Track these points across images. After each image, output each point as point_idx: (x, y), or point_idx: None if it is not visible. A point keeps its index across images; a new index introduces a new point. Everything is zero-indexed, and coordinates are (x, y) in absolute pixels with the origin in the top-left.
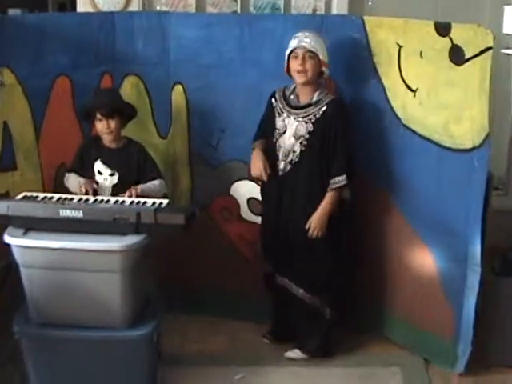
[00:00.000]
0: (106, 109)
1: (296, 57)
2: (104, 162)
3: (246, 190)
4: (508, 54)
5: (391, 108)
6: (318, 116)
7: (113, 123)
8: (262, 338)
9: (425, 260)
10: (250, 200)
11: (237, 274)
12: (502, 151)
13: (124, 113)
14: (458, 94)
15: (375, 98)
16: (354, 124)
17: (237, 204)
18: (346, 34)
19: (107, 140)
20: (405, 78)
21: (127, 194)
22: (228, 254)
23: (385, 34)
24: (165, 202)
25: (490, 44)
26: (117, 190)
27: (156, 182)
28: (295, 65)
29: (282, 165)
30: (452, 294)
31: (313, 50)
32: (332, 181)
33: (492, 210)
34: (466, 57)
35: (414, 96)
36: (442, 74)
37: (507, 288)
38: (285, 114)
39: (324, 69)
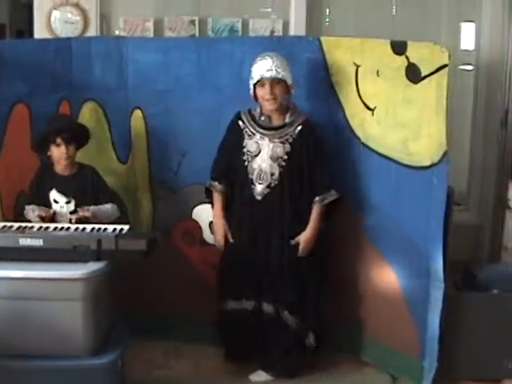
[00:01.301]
0: (67, 133)
1: (263, 85)
2: (59, 191)
3: (207, 214)
4: (466, 70)
5: (350, 127)
6: (294, 136)
7: (71, 148)
8: (226, 361)
9: (388, 278)
10: (212, 223)
11: (200, 298)
12: (462, 166)
13: (81, 138)
14: (415, 111)
15: (334, 117)
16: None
17: (199, 228)
18: (303, 55)
19: (62, 166)
20: (363, 96)
21: (76, 215)
22: (191, 279)
23: (342, 54)
24: (126, 227)
25: (446, 61)
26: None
27: (108, 206)
28: (263, 93)
29: (259, 189)
30: (416, 311)
31: (280, 77)
32: (320, 197)
33: (454, 225)
34: (423, 74)
35: (373, 114)
36: (400, 92)
37: (469, 303)
38: (258, 136)
39: (292, 91)
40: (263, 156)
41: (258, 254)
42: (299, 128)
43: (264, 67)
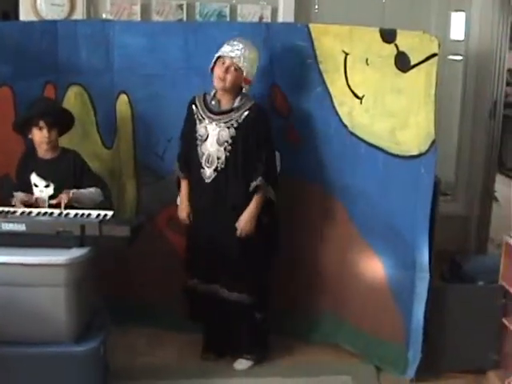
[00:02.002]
0: (51, 117)
1: (222, 63)
2: (39, 174)
3: None
4: (455, 60)
5: (338, 115)
6: (239, 121)
7: (54, 132)
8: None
9: (374, 267)
10: None
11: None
12: (449, 156)
13: (64, 123)
14: (403, 100)
15: (321, 106)
16: (301, 131)
17: None
18: (291, 42)
19: (43, 150)
20: (351, 85)
21: (58, 199)
22: (175, 265)
23: (331, 42)
24: (110, 213)
25: (435, 50)
26: None
27: (91, 190)
28: (218, 70)
29: (207, 172)
30: (401, 301)
31: (239, 64)
32: (252, 184)
33: (440, 215)
34: (412, 63)
35: (361, 103)
36: (388, 80)
37: (455, 294)
38: (206, 121)
39: (244, 85)
40: (211, 140)
41: (209, 236)
42: (246, 113)
43: (232, 48)
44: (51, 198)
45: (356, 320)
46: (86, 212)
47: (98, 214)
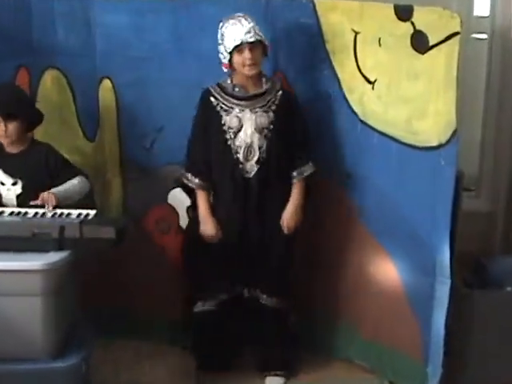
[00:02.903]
0: (5, 109)
1: (241, 50)
2: (5, 171)
3: (185, 198)
4: (479, 39)
5: (347, 102)
6: (276, 102)
7: (12, 126)
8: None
9: (388, 271)
10: (190, 208)
11: (175, 294)
12: (473, 147)
13: (27, 115)
14: (421, 85)
15: (329, 91)
16: (306, 120)
17: (175, 213)
18: (294, 20)
19: (6, 144)
20: (362, 68)
21: (38, 200)
22: (165, 272)
23: (339, 19)
24: (92, 213)
25: (457, 29)
26: (22, 201)
27: (74, 181)
28: (243, 59)
29: (248, 166)
30: (419, 310)
31: (258, 38)
32: (299, 170)
33: (463, 213)
34: (430, 44)
35: (373, 88)
36: (404, 63)
37: (480, 301)
38: (236, 110)
39: (267, 53)
40: (247, 130)
41: (250, 239)
42: (280, 93)
43: (242, 30)
44: (19, 196)
45: (369, 331)
46: (66, 211)
47: (79, 214)
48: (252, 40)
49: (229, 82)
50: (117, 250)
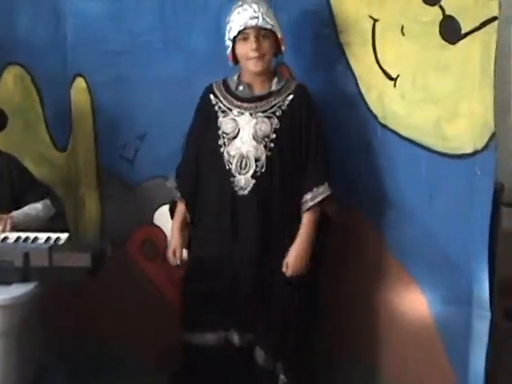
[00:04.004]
0: None
1: (246, 39)
2: None
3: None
4: None
5: (364, 102)
6: (283, 108)
7: None
8: None
9: (416, 302)
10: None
11: (164, 329)
12: None
13: None
14: (452, 81)
15: (343, 90)
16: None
17: (163, 236)
18: (302, 7)
19: None
20: (381, 62)
21: None
22: (152, 303)
23: (354, 5)
24: (64, 236)
25: (495, 13)
26: None
27: (38, 206)
28: (246, 49)
29: (242, 181)
30: (453, 349)
31: (268, 27)
32: (310, 195)
33: (503, 232)
34: (463, 31)
35: (395, 86)
36: (431, 55)
37: None
38: (235, 112)
39: (283, 48)
40: (244, 137)
41: (242, 275)
42: (290, 97)
43: (247, 14)
44: None
45: (392, 373)
46: (32, 235)
47: (48, 238)
48: (257, 24)
49: (235, 78)
50: (93, 281)
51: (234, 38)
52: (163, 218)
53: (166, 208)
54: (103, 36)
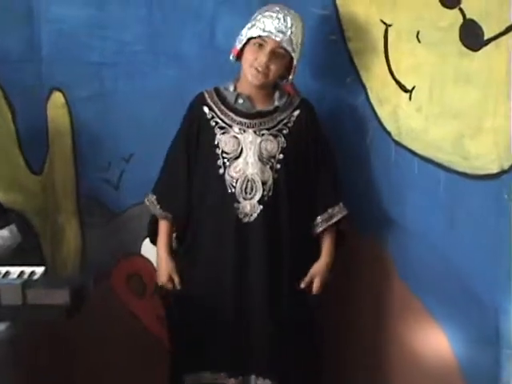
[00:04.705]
0: None
1: (261, 45)
2: None
3: None
4: None
5: (376, 117)
6: (290, 125)
7: None
8: None
9: (434, 342)
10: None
11: (154, 374)
12: None
13: None
14: (474, 93)
15: (352, 103)
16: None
17: (151, 269)
18: (305, 11)
19: None
20: (395, 72)
21: None
22: (140, 345)
23: (364, 9)
24: (39, 270)
25: None
26: None
27: (3, 233)
28: (256, 56)
29: (247, 207)
30: None
31: (288, 49)
32: (326, 215)
33: None
34: (486, 37)
35: (410, 98)
36: (451, 64)
37: None
38: (235, 129)
39: (291, 76)
40: (248, 157)
41: (248, 312)
42: (296, 113)
43: (275, 23)
44: None
45: None
46: (3, 269)
47: (22, 273)
48: (278, 38)
49: (232, 88)
50: (74, 321)
51: (250, 39)
52: (151, 248)
53: None
54: (84, 45)
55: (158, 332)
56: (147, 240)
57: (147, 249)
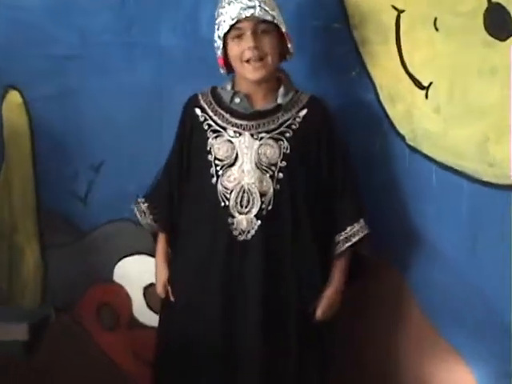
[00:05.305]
0: None
1: (240, 36)
2: None
3: (141, 272)
4: None
5: (387, 118)
6: (294, 127)
7: None
8: None
9: (458, 379)
10: (149, 288)
11: None
12: None
13: None
14: (500, 89)
15: (358, 102)
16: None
17: (125, 297)
18: None
19: None
20: (409, 65)
21: None
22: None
23: None
24: None
25: None
26: None
27: None
28: (242, 49)
29: (243, 223)
30: None
31: (268, 18)
32: (344, 235)
33: None
34: None
35: (426, 96)
36: (474, 56)
37: None
38: (230, 132)
39: (289, 46)
40: (244, 164)
41: (245, 349)
42: (303, 113)
43: (238, 5)
44: None
45: None
46: None
47: None
48: (253, 15)
49: (229, 87)
50: (34, 358)
51: (225, 35)
52: (126, 273)
53: (130, 260)
54: (45, 36)
55: (132, 371)
56: (121, 263)
57: (121, 274)
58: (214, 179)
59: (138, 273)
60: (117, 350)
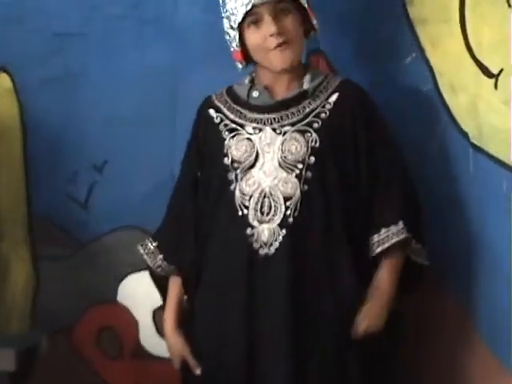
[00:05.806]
0: None
1: (258, 22)
2: None
3: (150, 291)
4: None
5: (448, 111)
6: (324, 115)
7: None
8: None
9: None
10: (160, 311)
11: None
12: None
13: None
14: None
15: (412, 92)
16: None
17: (131, 321)
18: None
19: None
20: (475, 49)
21: None
22: None
23: None
24: None
25: None
26: None
27: None
28: (263, 37)
29: (265, 234)
30: None
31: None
32: (375, 238)
33: None
34: None
35: (496, 86)
36: None
37: None
38: (249, 128)
39: (314, 22)
40: (266, 164)
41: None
42: (333, 98)
43: None
44: None
45: None
46: None
47: None
48: (260, 2)
49: (246, 81)
50: None
51: (240, 24)
52: (132, 292)
53: (136, 277)
54: (41, 10)
55: None
56: (126, 281)
57: (126, 293)
58: (233, 185)
59: (147, 292)
60: (119, 381)
